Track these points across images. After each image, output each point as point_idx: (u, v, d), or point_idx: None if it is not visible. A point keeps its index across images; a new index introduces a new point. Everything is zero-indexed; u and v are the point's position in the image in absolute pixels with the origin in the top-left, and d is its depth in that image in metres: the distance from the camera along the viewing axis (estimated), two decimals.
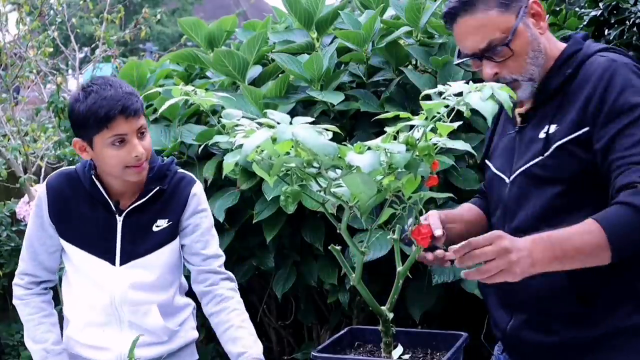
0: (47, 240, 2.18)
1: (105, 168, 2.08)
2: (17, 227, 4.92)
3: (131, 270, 2.13)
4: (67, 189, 2.14)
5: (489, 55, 1.76)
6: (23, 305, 2.23)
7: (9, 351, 5.09)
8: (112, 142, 2.01)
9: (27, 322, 2.22)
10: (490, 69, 1.77)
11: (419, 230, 1.41)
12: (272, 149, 1.24)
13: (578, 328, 1.70)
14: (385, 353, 1.52)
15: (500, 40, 1.73)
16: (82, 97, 2.03)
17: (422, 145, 1.27)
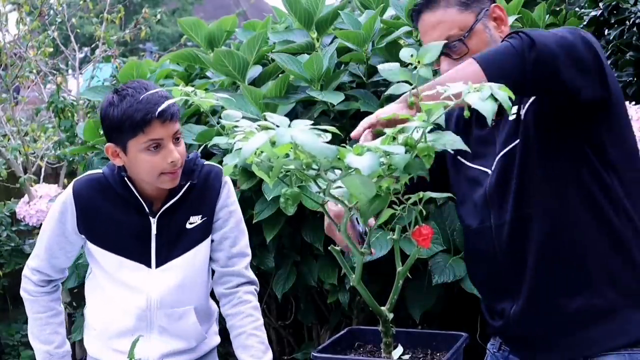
0: (68, 246, 2.14)
1: (139, 174, 2.03)
2: (17, 227, 4.92)
3: (168, 272, 2.09)
4: (98, 195, 2.08)
5: (446, 51, 1.80)
6: (31, 302, 2.19)
7: (9, 351, 5.09)
8: (148, 147, 1.96)
9: (34, 319, 2.19)
10: (447, 66, 1.81)
11: (420, 232, 1.41)
12: (271, 152, 1.24)
13: (578, 299, 1.72)
14: (386, 353, 1.52)
15: (457, 37, 1.79)
16: (116, 100, 1.97)
17: (421, 146, 1.27)
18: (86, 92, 3.71)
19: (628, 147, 1.79)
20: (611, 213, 1.72)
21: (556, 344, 1.77)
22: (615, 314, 1.72)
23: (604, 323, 1.72)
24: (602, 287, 1.72)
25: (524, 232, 1.75)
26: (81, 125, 3.69)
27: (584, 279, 1.72)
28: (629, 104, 2.40)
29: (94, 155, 3.54)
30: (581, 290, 1.73)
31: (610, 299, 1.72)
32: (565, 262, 1.73)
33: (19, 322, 5.21)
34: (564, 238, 1.73)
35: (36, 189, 4.70)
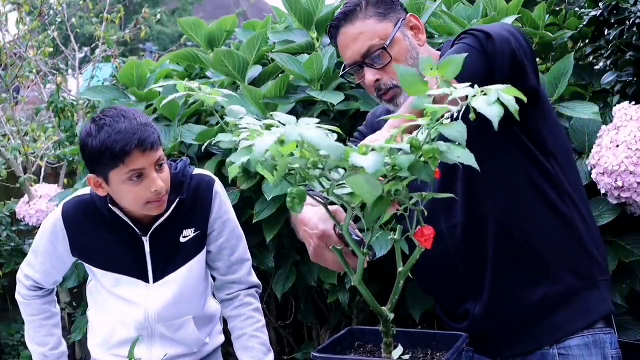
0: (61, 265, 2.15)
1: (124, 204, 1.99)
2: (17, 227, 4.93)
3: (166, 287, 2.08)
4: (87, 218, 2.05)
5: (369, 61, 1.85)
6: (25, 305, 2.22)
7: (9, 351, 5.09)
8: (130, 178, 1.91)
9: (29, 322, 2.21)
10: (372, 76, 1.85)
11: (422, 232, 1.41)
12: (277, 150, 1.23)
13: (538, 290, 1.77)
14: (386, 353, 1.52)
15: (379, 46, 1.83)
16: (94, 131, 1.91)
17: (427, 148, 1.26)
18: (86, 92, 3.71)
19: (559, 131, 1.84)
20: (557, 200, 1.78)
21: (523, 335, 1.81)
22: (575, 297, 1.78)
23: (566, 308, 1.77)
24: (561, 273, 1.77)
25: (478, 231, 1.79)
26: (81, 125, 3.69)
27: (542, 268, 1.77)
28: (629, 104, 2.40)
29: None
30: (541, 280, 1.77)
31: (569, 283, 1.77)
32: (523, 255, 1.77)
33: (18, 322, 5.21)
34: (519, 231, 1.77)
35: (36, 189, 4.70)
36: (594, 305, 1.78)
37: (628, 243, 2.44)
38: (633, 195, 2.28)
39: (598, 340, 1.77)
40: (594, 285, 1.79)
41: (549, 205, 1.77)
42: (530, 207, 1.76)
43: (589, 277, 1.79)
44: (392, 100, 1.87)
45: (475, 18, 2.83)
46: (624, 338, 2.37)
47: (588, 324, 1.77)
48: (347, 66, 1.91)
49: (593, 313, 1.78)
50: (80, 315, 4.17)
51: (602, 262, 1.83)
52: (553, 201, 1.77)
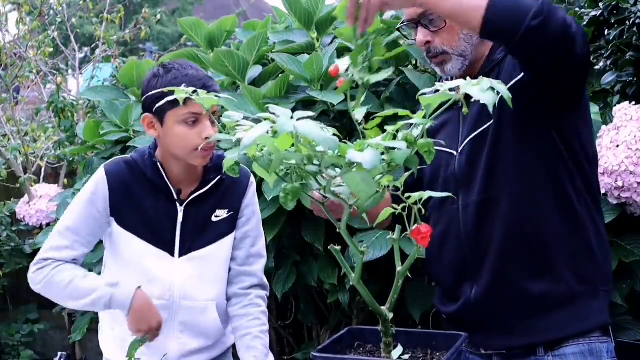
0: (97, 229, 2.09)
1: (172, 147, 2.04)
2: (17, 227, 4.93)
3: (190, 263, 2.09)
4: (129, 177, 2.08)
5: (424, 22, 1.82)
6: (55, 274, 2.03)
7: (9, 351, 5.09)
8: (185, 120, 1.98)
9: (70, 282, 2.02)
10: (423, 36, 1.83)
11: (419, 230, 1.41)
12: (272, 145, 1.23)
13: (541, 284, 1.75)
14: (385, 353, 1.52)
15: None
16: (162, 72, 2.02)
17: (422, 142, 1.27)
18: (86, 92, 3.72)
19: (592, 136, 1.85)
20: (575, 202, 1.76)
21: (515, 328, 1.79)
22: (575, 301, 1.76)
23: (564, 309, 1.76)
24: (564, 273, 1.75)
25: (490, 214, 1.78)
26: (81, 125, 3.69)
27: (547, 264, 1.76)
28: (629, 104, 2.40)
29: (94, 155, 3.54)
30: (544, 274, 1.76)
31: (571, 285, 1.75)
32: (529, 245, 1.76)
33: (19, 322, 5.22)
34: (529, 222, 1.76)
35: (36, 189, 4.71)
36: (592, 313, 1.76)
37: (628, 243, 2.43)
38: (633, 195, 2.28)
39: (594, 349, 1.75)
40: (595, 293, 1.76)
41: (565, 205, 1.75)
42: (545, 201, 1.75)
43: (592, 283, 1.76)
44: (441, 65, 1.86)
45: None
46: (624, 338, 2.37)
47: (583, 330, 1.75)
48: (404, 21, 1.90)
49: (590, 321, 1.76)
50: (80, 315, 4.17)
51: (607, 272, 1.81)
52: (571, 202, 1.75)
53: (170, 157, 2.07)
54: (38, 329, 5.17)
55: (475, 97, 1.21)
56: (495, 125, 1.76)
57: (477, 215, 1.78)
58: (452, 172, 1.84)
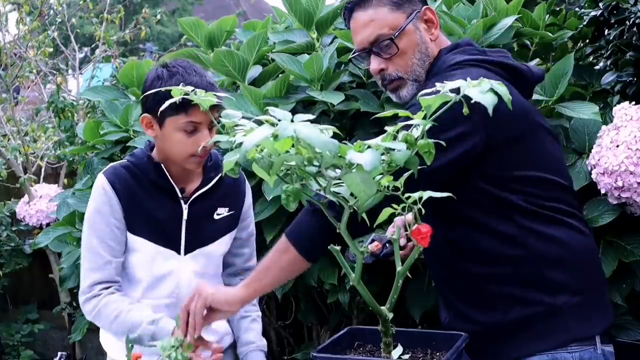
0: (120, 236, 2.09)
1: (168, 151, 2.07)
2: (17, 227, 4.93)
3: (195, 260, 2.14)
4: (131, 181, 2.09)
5: (376, 50, 1.84)
6: (103, 307, 2.05)
7: (9, 351, 5.09)
8: (184, 128, 2.00)
9: (116, 318, 2.03)
10: (377, 64, 1.85)
11: (419, 230, 1.41)
12: (272, 147, 1.23)
13: (491, 315, 1.78)
14: (385, 353, 1.52)
15: (387, 36, 1.82)
16: (165, 75, 2.01)
17: (422, 142, 1.27)
18: (86, 92, 3.71)
19: (539, 150, 1.83)
20: (513, 229, 1.76)
21: (486, 351, 1.83)
22: (522, 326, 1.77)
23: (515, 336, 1.78)
24: (504, 303, 1.78)
25: (440, 251, 1.84)
26: (81, 125, 3.69)
27: (495, 296, 1.80)
28: (629, 104, 2.40)
29: (94, 155, 3.54)
30: (491, 307, 1.80)
31: (517, 313, 1.77)
32: (471, 281, 1.82)
33: (19, 322, 5.22)
34: (468, 260, 1.80)
35: (36, 189, 4.71)
36: (546, 333, 1.75)
37: (628, 243, 2.43)
38: (633, 195, 2.28)
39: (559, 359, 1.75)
40: (549, 312, 1.75)
41: (496, 235, 1.75)
42: (480, 239, 1.77)
43: (541, 304, 1.75)
44: (395, 91, 1.88)
45: (475, 18, 2.83)
46: (624, 338, 2.37)
47: (537, 350, 1.75)
48: (356, 51, 1.92)
49: (547, 341, 1.75)
50: (80, 315, 4.17)
51: (571, 284, 1.77)
52: (503, 230, 1.75)
53: (168, 158, 2.10)
54: (38, 329, 5.17)
55: (474, 98, 1.21)
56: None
57: (434, 253, 1.82)
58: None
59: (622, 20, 2.70)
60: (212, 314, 1.82)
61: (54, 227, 3.67)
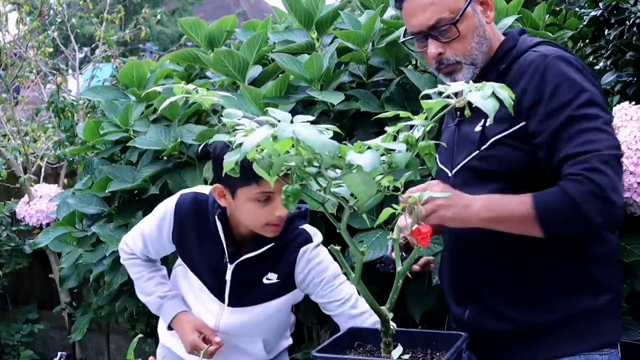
0: (161, 248, 2.20)
1: (242, 220, 2.03)
2: (17, 227, 4.93)
3: (239, 314, 2.12)
4: (194, 216, 2.10)
5: (435, 34, 1.78)
6: (129, 265, 2.27)
7: (9, 351, 5.09)
8: (258, 198, 1.95)
9: (137, 279, 2.25)
10: (435, 48, 1.79)
11: (419, 230, 1.41)
12: (272, 148, 1.23)
13: (530, 314, 1.74)
14: (385, 353, 1.52)
15: (448, 20, 1.76)
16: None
17: (422, 144, 1.27)
18: (86, 92, 3.72)
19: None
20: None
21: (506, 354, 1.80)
22: (553, 330, 1.74)
23: (550, 337, 1.75)
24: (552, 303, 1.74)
25: (485, 236, 1.75)
26: (81, 125, 3.69)
27: (533, 295, 1.75)
28: (629, 104, 2.40)
29: (94, 155, 3.54)
30: (534, 306, 1.75)
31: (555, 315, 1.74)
32: (514, 272, 1.76)
33: (19, 322, 5.22)
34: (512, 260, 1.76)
35: (36, 189, 4.70)
36: (583, 335, 1.74)
37: (628, 243, 2.43)
38: (633, 195, 2.28)
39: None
40: (589, 314, 1.74)
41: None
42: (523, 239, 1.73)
43: (582, 304, 1.73)
44: (450, 74, 1.82)
45: None
46: (624, 338, 2.37)
47: (572, 352, 1.73)
48: (411, 34, 1.84)
49: (583, 343, 1.73)
50: (80, 315, 4.17)
51: (612, 285, 1.77)
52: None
53: (241, 223, 2.06)
54: (38, 329, 5.17)
55: (475, 103, 1.21)
56: (488, 155, 1.75)
57: (473, 238, 1.79)
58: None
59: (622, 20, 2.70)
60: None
61: (54, 227, 3.67)
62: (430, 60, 1.83)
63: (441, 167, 1.90)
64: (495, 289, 1.79)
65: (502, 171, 1.72)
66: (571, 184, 1.59)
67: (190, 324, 2.13)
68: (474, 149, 1.76)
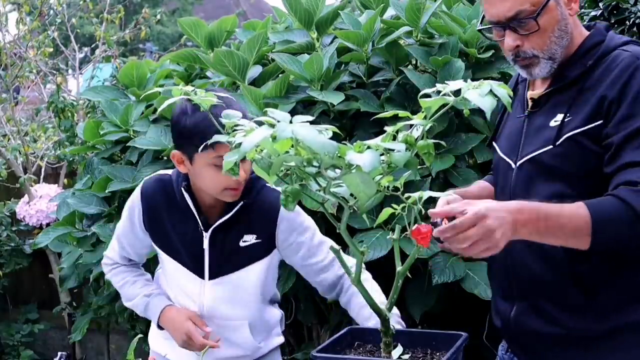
0: (137, 242, 2.19)
1: (201, 186, 2.03)
2: (17, 227, 4.93)
3: (220, 286, 2.10)
4: (161, 196, 2.10)
5: (513, 25, 1.70)
6: (113, 275, 2.27)
7: (9, 351, 5.09)
8: (215, 163, 1.94)
9: (122, 286, 2.25)
10: (513, 41, 1.71)
11: (419, 230, 1.41)
12: (272, 148, 1.23)
13: (582, 320, 1.69)
14: (385, 353, 1.52)
15: (528, 13, 1.67)
16: (190, 110, 1.95)
17: (421, 143, 1.27)
18: (86, 92, 3.72)
19: None
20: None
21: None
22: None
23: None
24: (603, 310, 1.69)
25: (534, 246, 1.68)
26: (81, 125, 3.70)
27: (586, 303, 1.69)
28: None
29: (94, 155, 3.54)
30: (586, 313, 1.70)
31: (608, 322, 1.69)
32: (568, 279, 1.69)
33: (19, 322, 5.22)
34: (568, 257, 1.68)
35: (36, 189, 4.71)
36: (635, 346, 1.68)
37: None
38: None
39: None
40: (633, 327, 1.68)
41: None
42: None
43: (637, 314, 1.68)
44: (527, 68, 1.74)
45: (475, 18, 2.84)
46: None
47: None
48: (489, 22, 1.76)
49: (632, 354, 1.68)
50: (80, 315, 4.16)
51: None
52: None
53: (201, 190, 2.06)
54: (38, 329, 5.17)
55: (473, 102, 1.21)
56: (559, 152, 1.67)
57: (523, 248, 1.72)
58: (509, 184, 1.77)
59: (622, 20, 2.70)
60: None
61: (54, 227, 3.67)
62: (507, 52, 1.76)
63: (503, 158, 1.81)
64: (548, 291, 1.72)
65: (568, 171, 1.66)
66: (629, 192, 1.53)
67: (181, 314, 2.10)
68: (547, 144, 1.69)
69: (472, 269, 2.60)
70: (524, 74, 1.78)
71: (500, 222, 1.46)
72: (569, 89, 1.71)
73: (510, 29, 1.71)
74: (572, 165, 1.66)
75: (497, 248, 1.47)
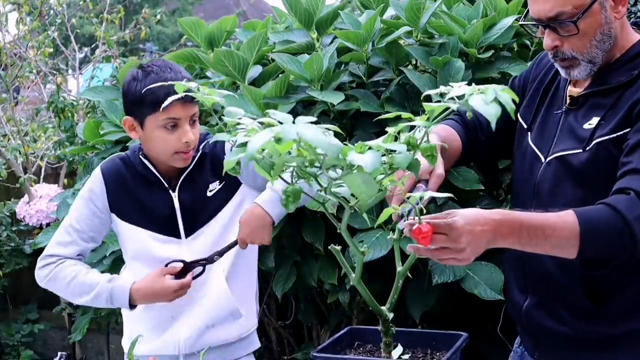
0: (100, 226, 2.18)
1: (153, 150, 2.11)
2: (17, 227, 4.93)
3: (198, 240, 2.16)
4: (123, 173, 2.17)
5: (553, 26, 1.67)
6: (60, 270, 2.14)
7: (9, 351, 5.09)
8: (165, 125, 2.04)
9: (72, 279, 2.12)
10: (551, 41, 1.69)
11: (419, 230, 1.41)
12: (274, 148, 1.24)
13: (590, 324, 1.69)
14: (385, 353, 1.52)
15: (569, 15, 1.65)
16: (140, 76, 2.05)
17: (424, 146, 1.27)
18: (86, 92, 3.72)
19: None
20: None
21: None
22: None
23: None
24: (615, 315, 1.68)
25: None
26: (81, 125, 3.69)
27: (593, 308, 1.69)
28: None
29: (94, 155, 3.54)
30: (594, 317, 1.69)
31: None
32: (577, 283, 1.68)
33: (19, 322, 5.22)
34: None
35: (36, 189, 4.71)
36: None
37: None
38: None
39: None
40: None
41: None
42: None
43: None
44: (567, 68, 1.72)
45: (475, 18, 2.83)
46: None
47: None
48: (531, 19, 1.73)
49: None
50: (80, 315, 4.16)
51: None
52: None
53: (155, 157, 2.14)
54: (38, 329, 5.17)
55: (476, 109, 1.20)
56: (587, 157, 1.65)
57: None
58: (534, 176, 1.76)
59: None
60: None
61: (54, 227, 3.67)
62: (547, 50, 1.75)
63: (534, 149, 1.79)
64: (559, 292, 1.72)
65: (595, 177, 1.63)
66: (621, 200, 1.51)
67: (153, 278, 2.08)
68: (579, 147, 1.67)
69: (472, 269, 2.60)
70: (562, 74, 1.76)
71: (470, 240, 1.43)
72: (610, 94, 1.68)
73: (550, 29, 1.68)
74: (599, 172, 1.63)
75: (466, 261, 1.45)
